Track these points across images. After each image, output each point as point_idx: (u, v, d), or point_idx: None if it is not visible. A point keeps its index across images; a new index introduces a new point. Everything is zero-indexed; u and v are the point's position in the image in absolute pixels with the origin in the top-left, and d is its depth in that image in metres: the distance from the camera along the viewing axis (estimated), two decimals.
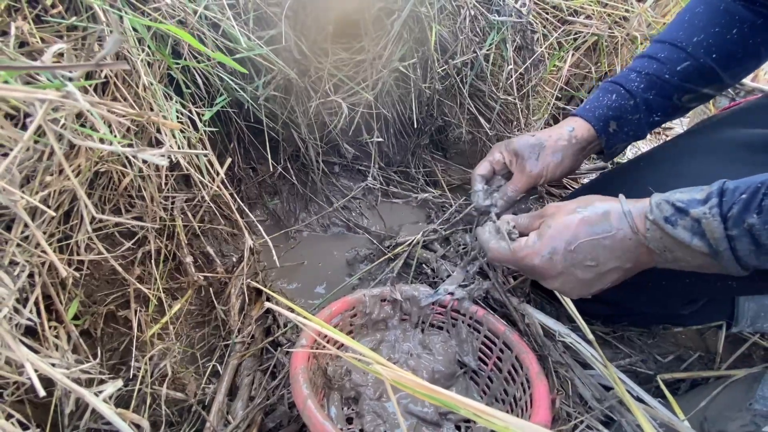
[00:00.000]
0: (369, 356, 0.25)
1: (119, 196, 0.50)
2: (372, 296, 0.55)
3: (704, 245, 0.35)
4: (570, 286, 0.42)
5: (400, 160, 0.82)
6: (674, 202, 0.37)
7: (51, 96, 0.16)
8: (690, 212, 0.36)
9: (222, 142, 0.69)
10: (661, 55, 0.51)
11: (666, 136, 1.09)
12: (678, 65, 0.50)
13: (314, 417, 0.37)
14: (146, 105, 0.43)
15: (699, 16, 0.51)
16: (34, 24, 0.38)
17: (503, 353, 0.51)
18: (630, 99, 0.51)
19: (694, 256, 0.36)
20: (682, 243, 0.36)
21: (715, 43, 0.49)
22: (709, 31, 0.49)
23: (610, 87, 0.53)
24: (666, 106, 0.52)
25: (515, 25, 0.76)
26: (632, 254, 0.40)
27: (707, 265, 0.37)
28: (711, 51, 0.50)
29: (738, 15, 0.49)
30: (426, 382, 0.24)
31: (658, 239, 0.38)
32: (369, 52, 0.63)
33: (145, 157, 0.20)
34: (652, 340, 0.63)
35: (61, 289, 0.46)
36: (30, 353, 0.25)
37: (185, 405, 0.53)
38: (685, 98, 0.52)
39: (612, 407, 0.47)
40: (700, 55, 0.50)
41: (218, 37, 0.52)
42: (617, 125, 0.52)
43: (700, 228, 0.35)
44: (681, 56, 0.50)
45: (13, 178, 0.25)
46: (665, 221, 0.37)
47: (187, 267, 0.58)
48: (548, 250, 0.42)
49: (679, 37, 0.51)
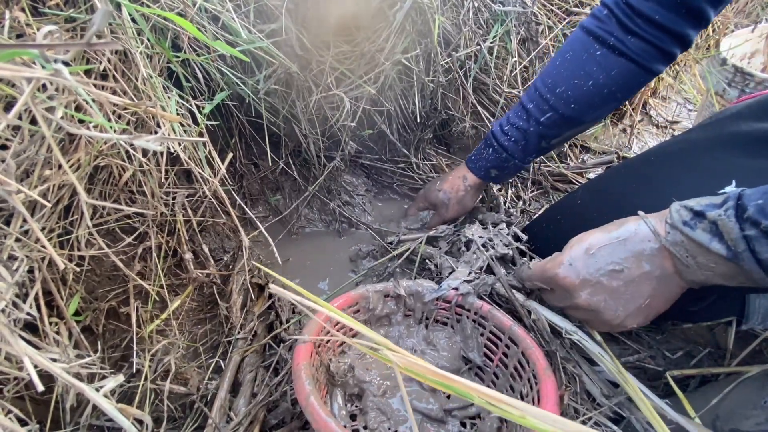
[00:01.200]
0: (379, 342, 0.25)
1: (120, 191, 0.49)
2: (375, 292, 0.54)
3: (723, 248, 0.35)
4: (599, 299, 0.41)
5: (403, 155, 0.81)
6: (692, 207, 0.37)
7: (38, 74, 0.16)
8: (707, 215, 0.36)
9: (223, 138, 0.69)
10: (530, 105, 0.59)
11: (673, 130, 1.07)
12: (542, 116, 0.58)
13: (317, 413, 0.37)
14: (145, 98, 0.43)
15: (565, 64, 0.56)
16: (31, 15, 0.37)
17: (509, 349, 0.50)
18: (503, 152, 0.62)
19: (716, 261, 0.36)
20: (701, 246, 0.36)
21: (573, 95, 0.55)
22: (569, 83, 0.55)
23: (489, 141, 0.64)
24: (536, 149, 0.62)
25: (519, 17, 0.75)
26: (657, 259, 0.39)
27: (732, 272, 0.36)
28: (570, 101, 0.56)
29: (596, 66, 0.53)
30: (438, 369, 0.24)
31: (680, 243, 0.38)
32: (373, 43, 0.62)
33: (141, 143, 0.20)
34: (661, 336, 0.61)
35: (62, 284, 0.45)
36: (29, 348, 0.24)
37: (187, 401, 0.53)
38: (553, 141, 0.61)
39: (621, 404, 0.46)
40: (560, 106, 0.56)
41: (218, 30, 0.51)
42: (497, 172, 0.65)
43: (718, 230, 0.35)
44: (544, 108, 0.57)
45: (9, 168, 0.24)
46: (684, 224, 0.37)
47: (187, 263, 0.58)
48: (568, 258, 0.43)
49: (547, 86, 0.57)
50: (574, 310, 0.46)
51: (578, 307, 0.44)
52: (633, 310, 0.42)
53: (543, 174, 0.86)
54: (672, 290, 0.41)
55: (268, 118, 0.62)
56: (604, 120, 0.89)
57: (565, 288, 0.44)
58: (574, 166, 0.90)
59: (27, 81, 0.16)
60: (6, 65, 0.15)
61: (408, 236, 0.70)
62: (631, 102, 0.99)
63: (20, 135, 0.31)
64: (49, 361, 0.25)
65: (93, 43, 0.16)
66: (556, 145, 0.64)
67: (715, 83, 0.80)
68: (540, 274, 0.47)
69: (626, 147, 1.00)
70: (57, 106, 0.20)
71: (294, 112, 0.64)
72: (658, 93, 1.09)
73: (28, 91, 0.16)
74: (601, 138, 1.01)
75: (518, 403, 0.24)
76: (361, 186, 0.82)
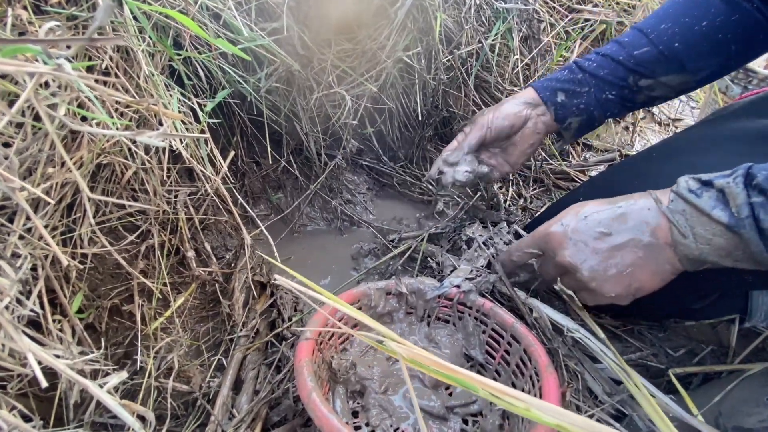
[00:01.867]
0: (384, 334, 0.25)
1: (122, 189, 0.49)
2: (377, 289, 0.54)
3: (725, 215, 0.35)
4: (582, 256, 0.41)
5: (405, 153, 0.81)
6: (701, 177, 0.38)
7: (41, 69, 0.16)
8: (715, 183, 0.36)
9: (225, 136, 0.69)
10: (625, 39, 0.52)
11: (676, 128, 1.07)
12: (636, 49, 0.50)
13: (318, 410, 0.37)
14: (147, 96, 0.43)
15: (676, 5, 0.51)
16: (33, 13, 0.37)
17: (511, 346, 0.50)
18: (579, 72, 0.53)
19: (715, 232, 0.36)
20: (703, 212, 0.36)
21: (680, 32, 0.49)
22: (678, 20, 0.49)
23: (566, 65, 0.56)
24: (620, 87, 0.52)
25: (521, 14, 0.74)
26: (649, 226, 0.39)
27: (730, 246, 0.36)
28: (674, 39, 0.49)
29: (714, 8, 0.48)
30: (443, 361, 0.24)
31: (681, 212, 0.37)
32: (375, 41, 0.62)
33: (144, 139, 0.20)
34: (663, 333, 0.61)
35: (65, 282, 0.45)
36: (32, 344, 0.25)
37: (190, 398, 0.53)
38: (643, 83, 0.52)
39: (623, 401, 0.46)
40: (661, 42, 0.50)
41: (219, 28, 0.51)
42: (565, 96, 0.54)
43: (724, 198, 0.35)
44: (642, 41, 0.50)
45: (12, 165, 0.24)
46: (689, 192, 0.37)
47: (189, 261, 0.58)
48: (562, 220, 0.43)
49: (648, 24, 0.51)
50: (554, 269, 0.46)
51: (559, 266, 0.44)
52: (613, 274, 0.41)
53: (545, 171, 0.85)
54: (660, 264, 0.40)
55: (270, 117, 0.62)
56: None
57: (551, 245, 0.44)
58: (576, 164, 0.89)
59: (30, 76, 0.16)
60: (9, 60, 0.15)
61: (409, 234, 0.70)
62: None
63: (23, 132, 0.31)
64: (53, 358, 0.25)
65: (95, 38, 0.16)
66: (643, 96, 0.53)
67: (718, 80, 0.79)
68: (531, 236, 0.47)
69: (629, 145, 1.00)
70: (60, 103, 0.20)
71: (295, 110, 0.64)
72: None
73: (31, 86, 0.16)
74: (603, 136, 1.01)
75: (523, 396, 0.24)
76: (363, 184, 0.82)
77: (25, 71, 0.16)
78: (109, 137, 0.38)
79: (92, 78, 0.20)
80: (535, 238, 0.47)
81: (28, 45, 0.18)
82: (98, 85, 0.19)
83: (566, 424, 0.24)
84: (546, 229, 0.45)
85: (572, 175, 0.86)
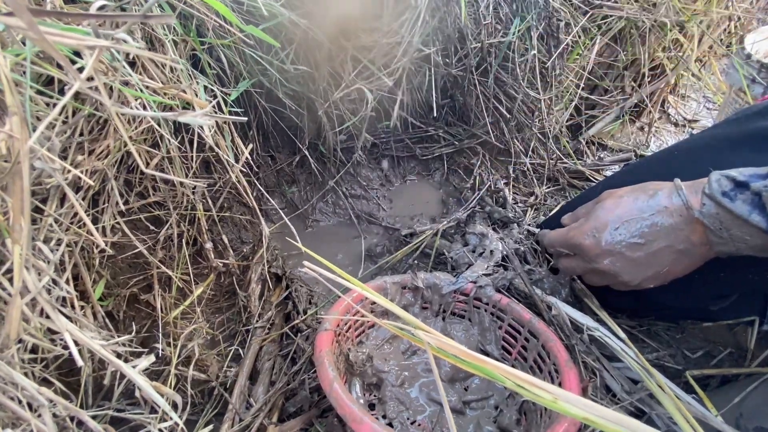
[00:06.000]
0: (412, 323, 0.25)
1: (146, 179, 0.50)
2: (393, 283, 0.54)
3: (763, 220, 0.34)
4: (619, 266, 0.42)
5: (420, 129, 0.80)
6: (735, 176, 0.36)
7: (102, 43, 0.16)
8: (751, 186, 0.35)
9: (241, 129, 0.69)
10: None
11: (692, 129, 1.05)
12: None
13: (341, 399, 0.37)
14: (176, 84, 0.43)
15: None
16: None
17: (528, 342, 0.50)
18: None
19: (752, 233, 0.35)
20: (739, 218, 0.35)
21: None
22: None
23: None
24: None
25: (540, 12, 0.74)
26: (683, 233, 0.39)
27: (766, 245, 0.35)
28: None
29: None
30: (469, 350, 0.24)
31: (714, 215, 0.37)
32: (397, 34, 0.62)
33: (187, 119, 0.20)
34: (681, 334, 0.61)
35: (89, 269, 0.46)
36: (69, 323, 0.25)
37: (206, 387, 0.54)
38: None
39: (641, 400, 0.46)
40: None
41: (243, 15, 0.51)
42: None
43: (760, 201, 0.34)
44: None
45: (53, 146, 0.25)
46: (723, 195, 0.36)
47: (207, 253, 0.59)
48: (593, 229, 0.43)
49: None
50: (592, 274, 0.47)
51: (597, 272, 0.45)
52: (651, 275, 0.42)
53: (559, 170, 0.85)
54: (694, 260, 0.41)
55: (290, 106, 0.63)
56: None
57: (588, 255, 0.45)
58: (591, 163, 0.89)
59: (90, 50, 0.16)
60: (71, 33, 0.15)
61: (422, 228, 0.70)
62: (650, 99, 0.98)
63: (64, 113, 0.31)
64: (89, 338, 0.26)
65: (149, 15, 0.17)
66: None
67: (742, 77, 0.78)
68: (564, 240, 0.48)
69: (644, 145, 0.99)
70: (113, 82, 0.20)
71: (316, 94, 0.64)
72: (677, 91, 1.07)
73: (94, 59, 0.17)
74: (618, 136, 1.00)
75: (550, 387, 0.24)
76: (377, 180, 0.82)
77: (86, 45, 0.16)
78: (142, 120, 0.38)
79: (147, 51, 0.20)
80: (567, 245, 0.47)
81: (78, 26, 0.18)
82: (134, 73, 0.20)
83: (593, 416, 0.24)
84: (578, 239, 0.45)
85: (587, 175, 0.86)
